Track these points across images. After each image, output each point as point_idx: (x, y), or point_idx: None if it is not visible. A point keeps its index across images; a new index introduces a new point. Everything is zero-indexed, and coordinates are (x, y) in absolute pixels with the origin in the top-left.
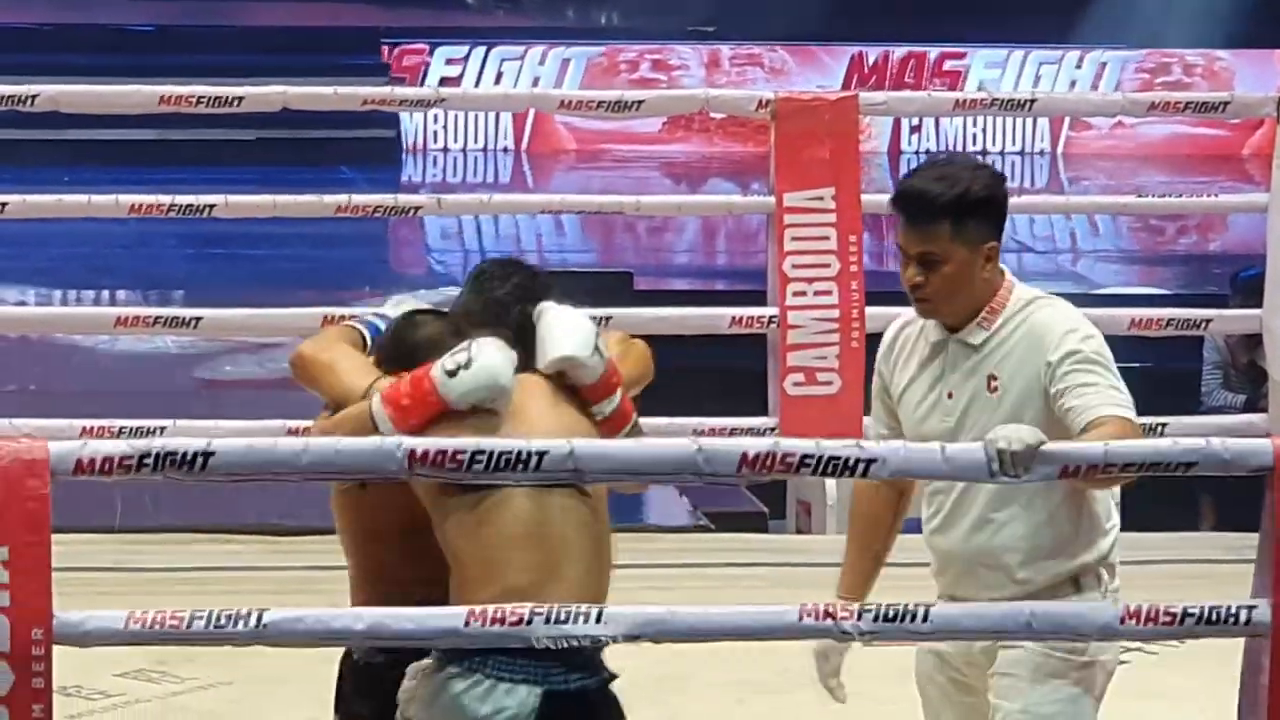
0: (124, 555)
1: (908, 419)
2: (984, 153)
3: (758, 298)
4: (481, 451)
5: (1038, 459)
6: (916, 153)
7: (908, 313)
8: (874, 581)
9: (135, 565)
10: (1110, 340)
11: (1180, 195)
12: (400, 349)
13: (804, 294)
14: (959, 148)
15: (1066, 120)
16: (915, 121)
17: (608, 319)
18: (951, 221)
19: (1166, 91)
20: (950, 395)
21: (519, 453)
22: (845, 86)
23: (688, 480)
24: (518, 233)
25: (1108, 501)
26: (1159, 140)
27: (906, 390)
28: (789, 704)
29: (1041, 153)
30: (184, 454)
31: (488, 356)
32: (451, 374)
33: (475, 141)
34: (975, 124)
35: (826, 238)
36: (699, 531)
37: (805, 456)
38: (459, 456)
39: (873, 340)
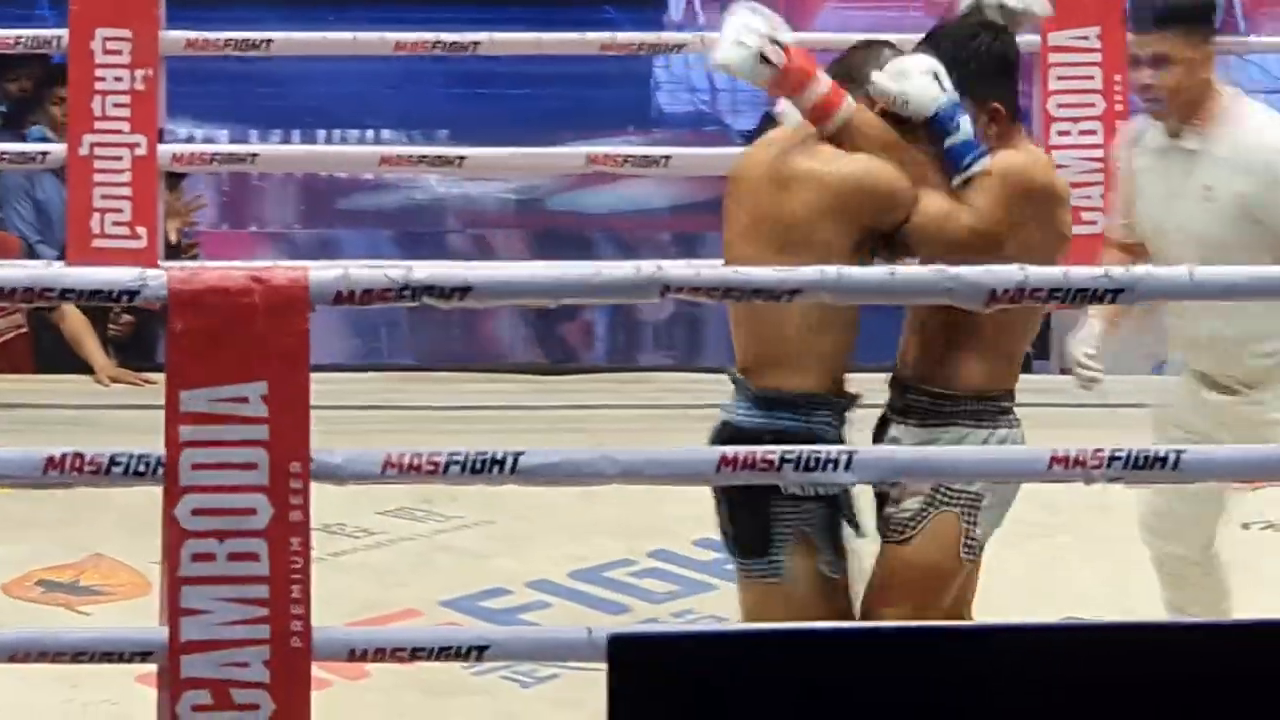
0: (393, 394)
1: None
2: None
3: None
4: (735, 286)
5: None
6: None
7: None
8: None
9: (403, 404)
10: None
11: None
12: None
13: (1068, 134)
14: None
15: None
16: None
17: None
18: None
19: None
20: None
21: (774, 287)
22: None
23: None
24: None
25: None
26: None
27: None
28: (1051, 545)
29: None
30: (442, 286)
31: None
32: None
33: None
34: None
35: (1091, 77)
36: None
37: (1054, 290)
38: (713, 291)
39: None
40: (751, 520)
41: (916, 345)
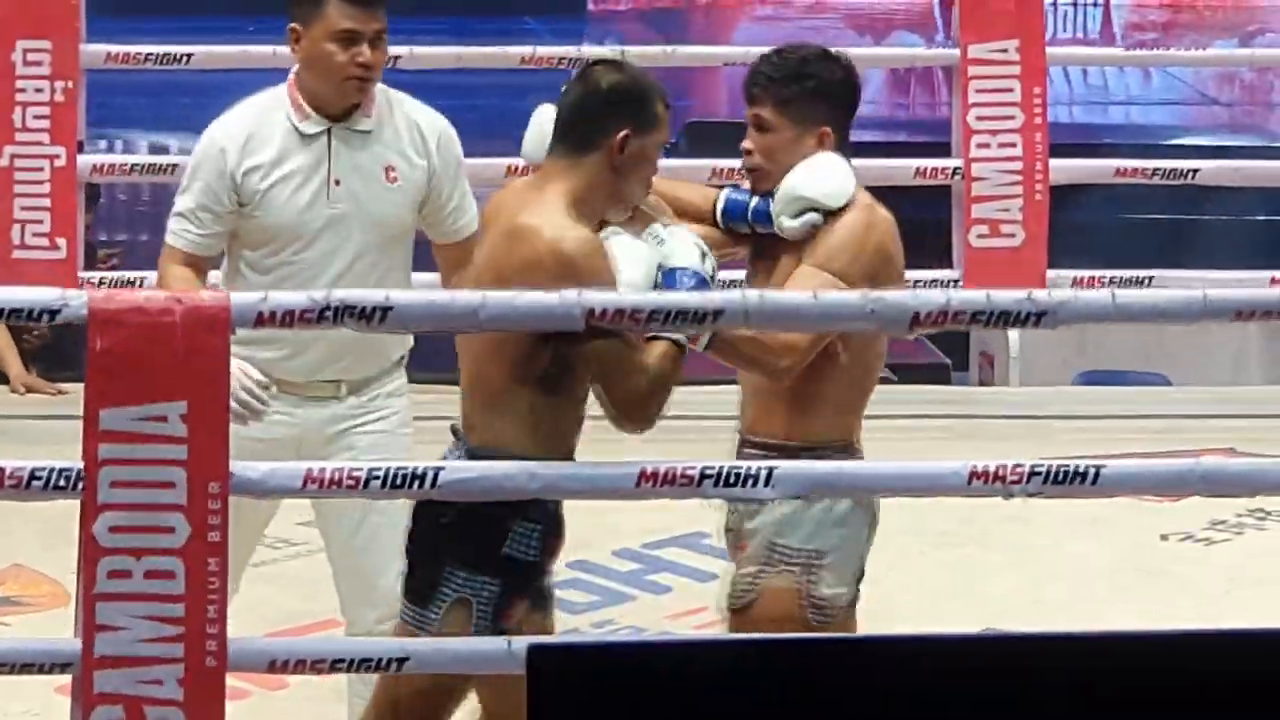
0: None
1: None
2: None
3: (941, 150)
4: (660, 309)
5: None
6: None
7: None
8: None
9: None
10: None
11: None
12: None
13: (987, 146)
14: None
15: None
16: None
17: None
18: None
19: None
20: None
21: (695, 310)
22: None
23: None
24: (701, 86)
25: None
26: None
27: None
28: (970, 556)
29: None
30: (363, 307)
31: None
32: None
33: None
34: None
35: (1010, 90)
36: (881, 384)
37: (977, 313)
38: (637, 314)
39: (1056, 192)
40: (424, 572)
41: (751, 396)
